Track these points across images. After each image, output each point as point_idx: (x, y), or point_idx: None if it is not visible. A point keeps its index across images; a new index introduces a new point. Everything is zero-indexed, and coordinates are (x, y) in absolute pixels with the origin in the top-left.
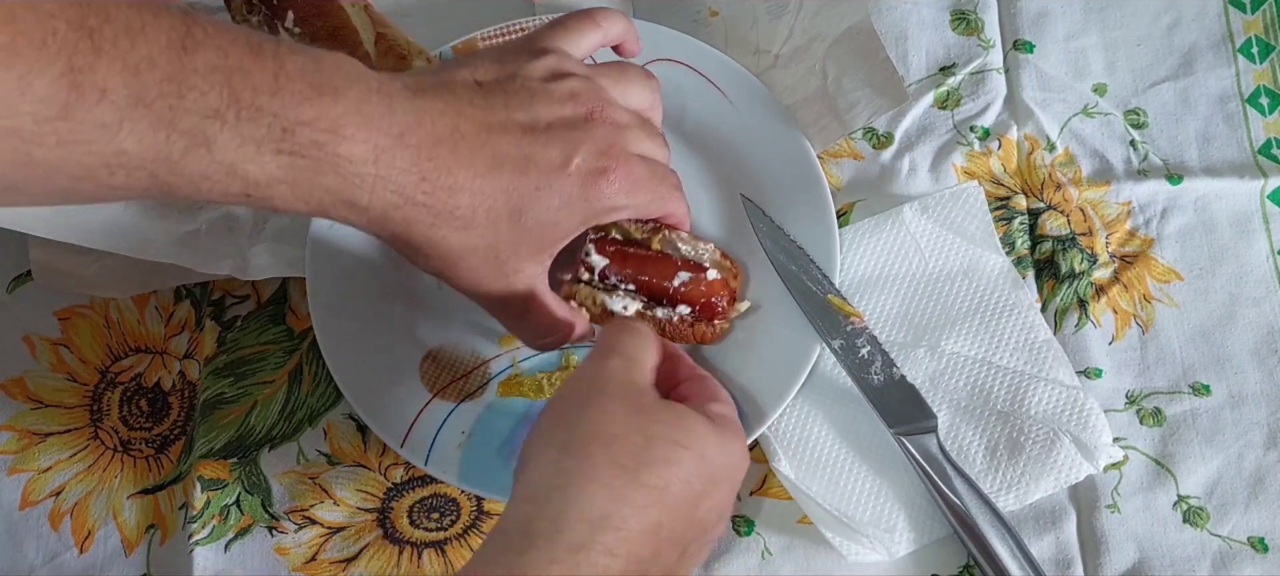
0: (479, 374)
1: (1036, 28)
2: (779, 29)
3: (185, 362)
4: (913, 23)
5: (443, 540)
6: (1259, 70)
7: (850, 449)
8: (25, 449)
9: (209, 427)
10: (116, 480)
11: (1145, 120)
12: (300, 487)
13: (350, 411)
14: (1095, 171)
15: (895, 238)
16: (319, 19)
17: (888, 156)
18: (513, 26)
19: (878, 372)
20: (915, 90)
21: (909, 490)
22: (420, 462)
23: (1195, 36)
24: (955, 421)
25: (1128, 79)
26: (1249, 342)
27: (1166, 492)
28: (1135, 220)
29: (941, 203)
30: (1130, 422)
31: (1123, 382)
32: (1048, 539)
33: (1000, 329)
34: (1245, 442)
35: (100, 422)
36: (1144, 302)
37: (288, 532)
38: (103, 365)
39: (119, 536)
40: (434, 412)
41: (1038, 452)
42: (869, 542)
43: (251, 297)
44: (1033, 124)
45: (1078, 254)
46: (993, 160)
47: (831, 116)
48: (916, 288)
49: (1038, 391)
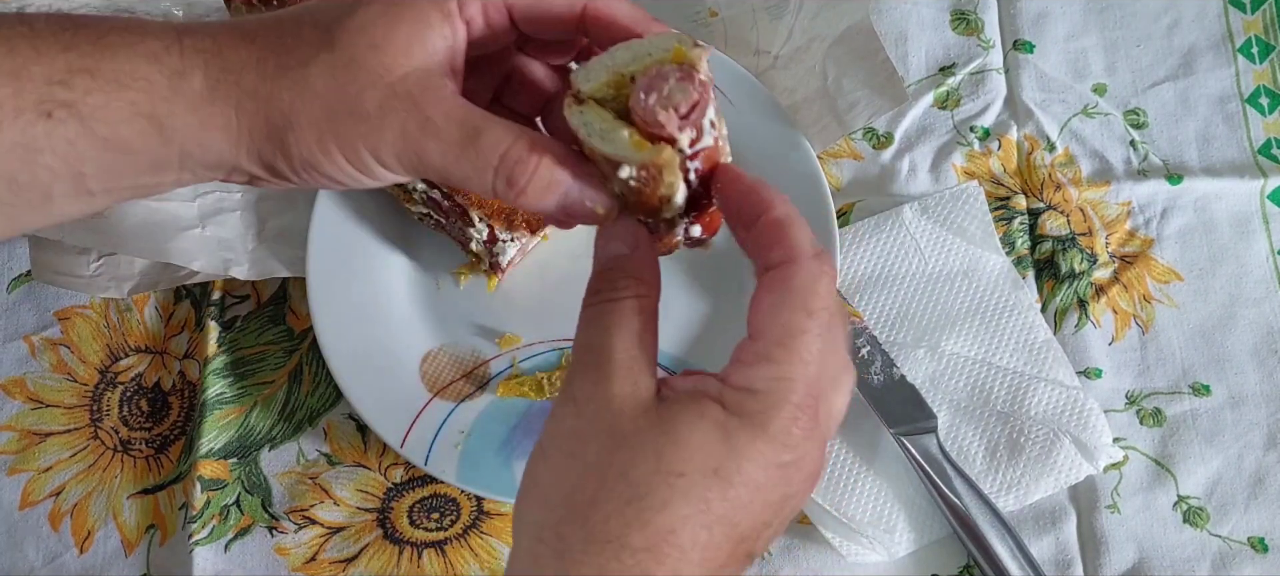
0: (479, 374)
1: (1036, 28)
2: (779, 29)
3: (185, 362)
4: (912, 23)
5: (443, 540)
6: (1259, 70)
7: (850, 449)
8: (25, 449)
9: (209, 427)
10: (116, 480)
11: (1145, 120)
12: (300, 487)
13: (350, 411)
14: (1095, 171)
15: (895, 238)
16: None
17: (888, 156)
18: None
19: (878, 373)
20: (915, 90)
21: (909, 490)
22: (420, 462)
23: (1195, 37)
24: (955, 422)
25: (1128, 79)
26: (1249, 343)
27: (1166, 493)
28: (1135, 220)
29: (941, 203)
30: (1130, 423)
31: (1123, 383)
32: (1048, 539)
33: (1000, 329)
34: (1245, 443)
35: (100, 423)
36: (1144, 303)
37: (288, 533)
38: (103, 365)
39: (119, 536)
40: (434, 412)
41: (1038, 453)
42: (869, 543)
43: (251, 298)
44: (1033, 124)
45: (1078, 254)
46: (993, 160)
47: (831, 117)
48: (916, 288)
49: (1038, 392)
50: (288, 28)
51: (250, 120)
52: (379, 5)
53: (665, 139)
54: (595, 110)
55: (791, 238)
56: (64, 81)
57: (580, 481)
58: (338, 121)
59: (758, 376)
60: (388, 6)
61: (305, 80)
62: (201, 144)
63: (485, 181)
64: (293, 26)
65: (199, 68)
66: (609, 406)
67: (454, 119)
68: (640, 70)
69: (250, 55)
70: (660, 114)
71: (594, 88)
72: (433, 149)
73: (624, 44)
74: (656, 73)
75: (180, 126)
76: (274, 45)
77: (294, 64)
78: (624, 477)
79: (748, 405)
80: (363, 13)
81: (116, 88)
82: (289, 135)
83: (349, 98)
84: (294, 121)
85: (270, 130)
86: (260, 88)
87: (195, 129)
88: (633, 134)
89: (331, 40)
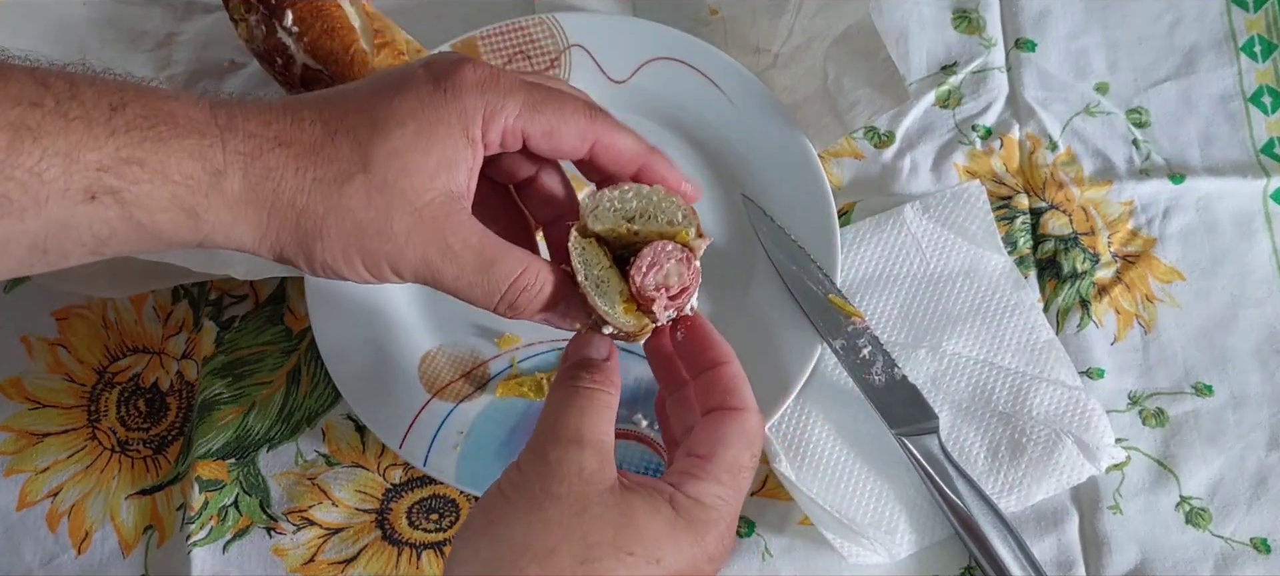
0: (478, 374)
1: (1038, 26)
2: (779, 28)
3: (183, 363)
4: (914, 21)
5: (442, 541)
6: (1261, 69)
7: (851, 450)
8: (22, 449)
9: (207, 428)
10: (114, 481)
11: (1147, 119)
12: (299, 488)
13: (348, 412)
14: (1097, 171)
15: (896, 237)
16: (317, 19)
17: (889, 156)
18: (512, 25)
19: (879, 373)
20: (916, 89)
21: (910, 491)
22: (419, 463)
23: (1197, 35)
24: (957, 422)
25: (1130, 78)
26: (1251, 343)
27: (1169, 493)
28: (1137, 220)
29: (943, 202)
30: (1132, 423)
31: (1125, 383)
32: (1050, 540)
33: (1002, 329)
34: (1247, 443)
35: (98, 423)
36: (1146, 303)
37: (286, 534)
38: (100, 365)
39: (117, 537)
40: (432, 413)
41: (1040, 453)
42: (870, 544)
43: (249, 298)
44: (1035, 123)
45: (1080, 254)
46: (994, 159)
47: (832, 115)
48: (918, 287)
49: (1040, 392)
50: (322, 136)
51: (280, 222)
52: (413, 127)
53: (651, 311)
54: (595, 251)
55: (745, 391)
56: (113, 169)
57: (542, 532)
58: (365, 238)
59: (707, 492)
60: (421, 131)
61: (340, 197)
62: (228, 235)
63: (492, 304)
64: (328, 136)
65: (239, 169)
66: (580, 476)
67: (471, 247)
68: (644, 227)
69: (289, 162)
70: (653, 292)
71: (602, 228)
72: (449, 272)
73: (636, 189)
74: (660, 249)
75: (213, 220)
76: (312, 156)
77: (330, 178)
78: (583, 539)
79: (695, 513)
80: (398, 135)
81: (162, 180)
82: (316, 243)
83: (379, 219)
84: (324, 233)
85: (299, 235)
86: (298, 198)
87: (226, 222)
88: (624, 293)
89: (367, 160)
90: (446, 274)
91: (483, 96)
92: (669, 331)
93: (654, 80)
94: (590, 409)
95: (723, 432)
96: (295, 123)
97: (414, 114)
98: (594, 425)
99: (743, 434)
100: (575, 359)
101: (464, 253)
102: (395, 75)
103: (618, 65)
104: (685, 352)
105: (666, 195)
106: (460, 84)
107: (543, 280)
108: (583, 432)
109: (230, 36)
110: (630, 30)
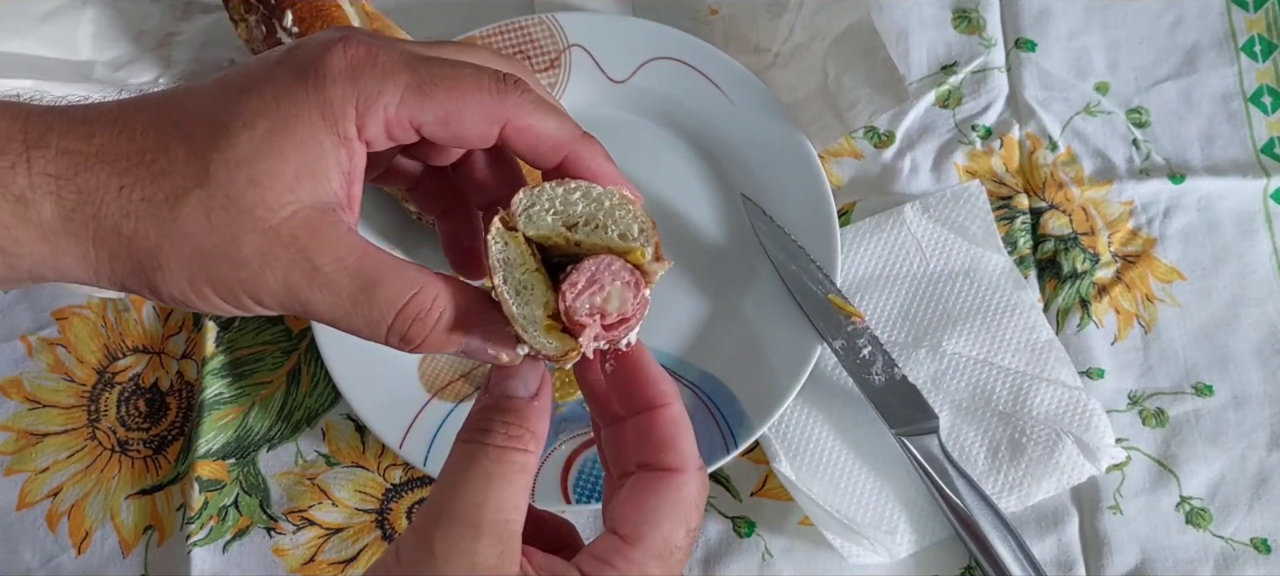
0: (478, 374)
1: (1038, 26)
2: (779, 27)
3: (183, 363)
4: (914, 21)
5: None
6: (1262, 69)
7: (851, 450)
8: (22, 449)
9: (207, 428)
10: (114, 481)
11: (1147, 119)
12: (298, 488)
13: (348, 412)
14: (1097, 170)
15: (896, 237)
16: (317, 18)
17: (889, 155)
18: (512, 25)
19: (879, 373)
20: (916, 89)
21: (910, 491)
22: (419, 463)
23: (1197, 35)
24: (957, 422)
25: (1130, 78)
26: (1252, 343)
27: (1169, 494)
28: (1138, 219)
29: (943, 202)
30: (1133, 423)
31: (1125, 383)
32: (1050, 540)
33: (1002, 329)
34: (1248, 443)
35: (98, 423)
36: (1146, 302)
37: (286, 534)
38: (100, 365)
39: (116, 537)
40: (432, 413)
41: (1040, 453)
42: (870, 544)
43: None
44: (1035, 123)
45: (1080, 253)
46: (995, 159)
47: (832, 115)
48: (918, 287)
49: (1040, 392)
50: (153, 145)
51: (111, 255)
52: (264, 129)
53: (579, 337)
54: (521, 250)
55: (685, 444)
56: None
57: None
58: (211, 265)
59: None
60: (274, 133)
61: (174, 219)
62: (56, 269)
63: (378, 336)
64: (158, 143)
65: (49, 193)
66: (472, 571)
67: (346, 268)
68: (589, 238)
69: (110, 180)
70: (585, 317)
71: (535, 234)
72: (320, 300)
73: (584, 190)
74: (604, 266)
75: (28, 254)
76: (138, 170)
77: (161, 198)
78: None
79: None
80: (244, 140)
81: None
82: (156, 275)
83: (225, 243)
84: (162, 263)
85: (135, 266)
86: (123, 225)
87: (46, 256)
88: (550, 306)
89: (205, 174)
90: (317, 302)
91: (354, 84)
92: (597, 362)
93: (654, 80)
94: (497, 477)
95: (651, 508)
96: (124, 131)
97: (266, 112)
98: (499, 500)
99: (677, 506)
100: (491, 400)
101: (336, 275)
102: (252, 66)
103: (617, 65)
104: (618, 388)
105: (624, 202)
106: (325, 72)
107: (442, 304)
108: (482, 513)
109: (230, 36)
110: (630, 30)
